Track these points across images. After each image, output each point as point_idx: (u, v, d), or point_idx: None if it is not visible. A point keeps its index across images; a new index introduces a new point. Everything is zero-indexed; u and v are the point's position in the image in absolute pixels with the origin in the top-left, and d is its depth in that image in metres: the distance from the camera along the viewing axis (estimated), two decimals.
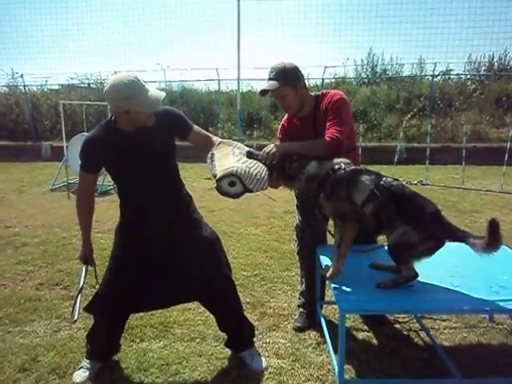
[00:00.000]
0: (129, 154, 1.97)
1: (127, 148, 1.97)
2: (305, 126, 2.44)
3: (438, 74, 12.22)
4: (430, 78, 11.92)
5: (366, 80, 14.09)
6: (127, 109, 1.90)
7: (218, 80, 12.19)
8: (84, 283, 2.28)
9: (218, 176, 1.96)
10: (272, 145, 2.21)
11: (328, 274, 2.13)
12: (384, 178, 2.04)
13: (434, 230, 1.93)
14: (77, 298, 2.23)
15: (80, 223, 2.24)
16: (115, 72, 12.51)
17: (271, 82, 2.32)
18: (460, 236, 1.95)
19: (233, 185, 1.96)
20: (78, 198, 2.21)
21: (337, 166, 2.10)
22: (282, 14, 18.93)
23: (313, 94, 2.48)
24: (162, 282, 2.19)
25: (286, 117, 2.61)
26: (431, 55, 15.15)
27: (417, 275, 2.04)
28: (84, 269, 2.29)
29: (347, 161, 2.14)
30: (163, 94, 1.98)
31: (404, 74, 13.33)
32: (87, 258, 2.27)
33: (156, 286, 2.19)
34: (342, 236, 2.14)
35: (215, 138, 2.21)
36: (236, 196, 2.01)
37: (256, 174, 1.99)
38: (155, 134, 2.02)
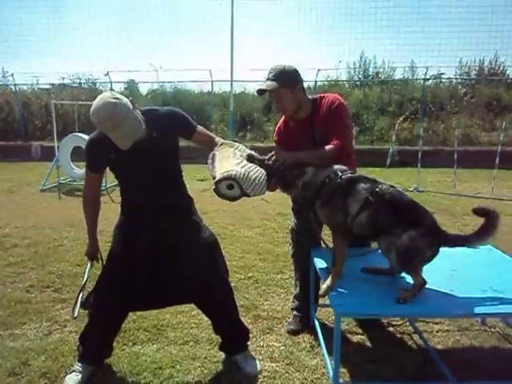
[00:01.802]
0: (131, 154, 1.93)
1: (130, 148, 1.92)
2: (302, 129, 2.43)
3: (430, 78, 12.34)
4: (422, 81, 12.03)
5: (358, 83, 14.19)
6: None
7: (211, 81, 12.17)
8: (87, 280, 2.29)
9: (217, 179, 1.95)
10: (281, 152, 2.19)
11: (321, 292, 2.10)
12: (380, 186, 2.03)
13: (436, 237, 1.96)
14: (79, 294, 2.26)
15: (86, 221, 2.26)
16: (108, 72, 12.49)
17: (269, 82, 2.31)
18: (460, 240, 2.01)
19: (231, 188, 1.95)
20: (84, 197, 2.23)
21: (333, 174, 2.08)
22: (276, 17, 19.03)
23: (310, 97, 2.47)
24: (159, 283, 2.18)
25: (282, 119, 2.60)
26: (423, 59, 15.29)
27: (425, 282, 2.01)
28: (89, 265, 2.33)
29: (344, 168, 2.13)
30: (138, 133, 1.90)
31: (396, 78, 13.47)
32: (93, 255, 2.31)
33: (153, 285, 2.18)
34: (334, 252, 2.15)
35: (218, 139, 2.21)
36: (233, 199, 2.00)
37: (255, 179, 1.97)
38: (159, 134, 2.02)
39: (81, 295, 2.25)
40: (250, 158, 2.10)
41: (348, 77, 14.47)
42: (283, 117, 2.58)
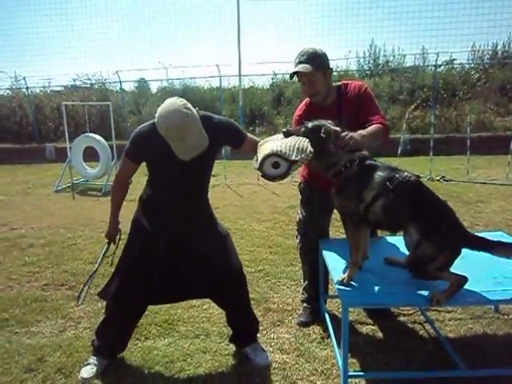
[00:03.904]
0: (172, 156, 1.94)
1: (172, 150, 1.93)
2: (327, 115, 2.28)
3: (441, 64, 12.09)
4: (433, 68, 11.79)
5: (368, 72, 13.98)
6: None
7: (220, 76, 12.14)
8: (99, 267, 2.37)
9: (259, 162, 1.94)
10: (350, 133, 2.04)
11: (340, 278, 2.06)
12: (400, 173, 1.93)
13: (451, 241, 1.86)
14: (88, 281, 2.36)
15: (112, 202, 2.30)
16: (116, 72, 12.54)
17: (303, 64, 2.26)
18: (482, 245, 1.89)
19: (277, 166, 1.93)
20: (115, 181, 2.27)
21: (349, 163, 1.98)
22: (283, 7, 18.88)
23: (334, 84, 2.44)
24: (175, 276, 2.21)
25: (301, 106, 2.55)
26: (434, 45, 15.00)
27: (465, 279, 1.90)
28: (105, 247, 2.37)
29: (364, 154, 2.03)
30: (202, 147, 1.93)
31: (406, 65, 13.24)
32: (111, 236, 2.34)
33: (169, 279, 2.20)
34: (349, 242, 2.11)
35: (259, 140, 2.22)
36: (284, 175, 1.96)
37: (294, 145, 1.94)
38: (208, 143, 1.99)
39: (88, 282, 2.33)
40: (287, 133, 2.08)
41: (358, 66, 14.30)
42: (302, 105, 2.54)
